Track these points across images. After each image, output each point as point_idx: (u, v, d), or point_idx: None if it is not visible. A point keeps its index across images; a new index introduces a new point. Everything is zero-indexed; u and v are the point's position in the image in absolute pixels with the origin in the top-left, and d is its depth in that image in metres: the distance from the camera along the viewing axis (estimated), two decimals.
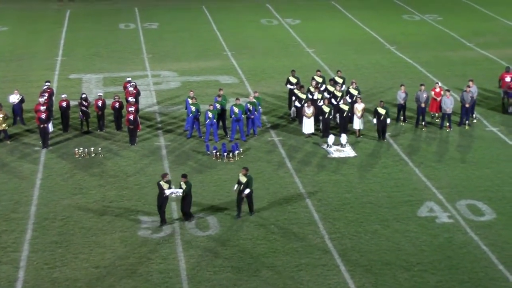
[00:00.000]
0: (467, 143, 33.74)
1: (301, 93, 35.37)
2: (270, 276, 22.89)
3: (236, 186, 26.61)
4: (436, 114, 36.22)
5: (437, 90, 35.84)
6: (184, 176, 25.98)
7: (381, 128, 33.57)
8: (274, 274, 23.00)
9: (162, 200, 25.95)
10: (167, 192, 25.77)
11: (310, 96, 35.81)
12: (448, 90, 35.58)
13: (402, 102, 35.70)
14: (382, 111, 33.29)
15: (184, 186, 25.62)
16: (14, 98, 35.64)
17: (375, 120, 33.58)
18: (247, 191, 26.18)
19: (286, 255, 24.11)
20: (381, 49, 50.17)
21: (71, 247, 24.51)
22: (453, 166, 31.17)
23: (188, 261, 23.75)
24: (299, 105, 35.34)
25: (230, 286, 22.30)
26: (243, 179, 26.29)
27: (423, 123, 35.51)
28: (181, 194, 25.84)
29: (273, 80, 42.97)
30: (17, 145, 33.48)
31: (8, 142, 33.69)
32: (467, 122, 35.48)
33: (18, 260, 23.74)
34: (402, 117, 36.15)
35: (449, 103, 34.78)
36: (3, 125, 33.51)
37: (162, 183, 25.97)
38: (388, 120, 33.55)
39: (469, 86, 35.52)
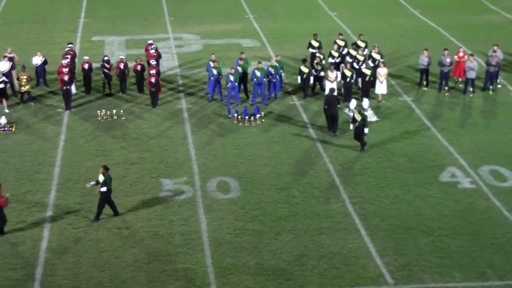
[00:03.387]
0: (491, 108, 33.50)
1: (305, 66, 34.36)
2: (291, 239, 23.01)
3: (93, 182, 24.27)
4: (460, 79, 35.95)
5: (461, 54, 35.53)
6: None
7: (357, 137, 28.99)
8: (295, 237, 23.12)
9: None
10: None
11: (332, 60, 35.67)
12: (472, 55, 35.24)
13: (425, 66, 35.44)
14: (358, 117, 28.87)
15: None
16: (37, 60, 35.78)
17: (352, 126, 29.44)
18: (103, 189, 23.80)
19: (307, 219, 24.20)
20: (404, 13, 49.72)
21: (94, 208, 24.66)
22: (476, 132, 31.00)
23: (209, 223, 23.92)
24: (299, 80, 34.59)
25: (251, 249, 22.46)
26: (101, 178, 23.89)
27: (446, 87, 35.27)
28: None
29: (295, 43, 42.76)
30: (40, 107, 33.70)
31: (32, 103, 33.92)
32: (491, 87, 35.17)
33: (43, 220, 24.03)
34: (425, 82, 35.91)
35: (473, 67, 34.47)
36: (27, 87, 33.71)
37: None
38: (366, 130, 28.78)
39: (494, 51, 35.16)
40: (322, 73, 34.49)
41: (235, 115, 32.01)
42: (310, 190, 26.11)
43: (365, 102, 33.00)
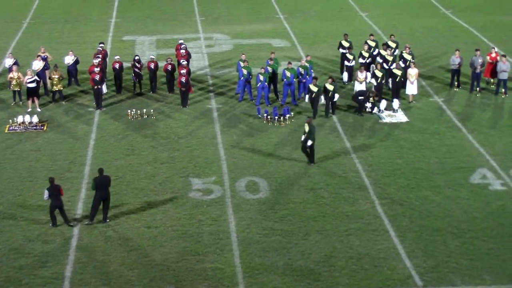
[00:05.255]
0: None
1: (314, 85, 31.95)
2: (320, 240, 22.97)
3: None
4: (492, 80, 35.64)
5: (493, 55, 35.22)
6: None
7: (303, 148, 27.75)
8: (324, 238, 23.07)
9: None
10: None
11: (362, 60, 35.56)
12: (504, 56, 34.94)
13: (456, 67, 35.17)
14: (306, 128, 27.52)
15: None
16: (69, 59, 36.08)
17: (303, 137, 27.82)
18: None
19: (335, 220, 24.14)
20: (436, 13, 49.40)
21: (124, 207, 24.89)
22: (507, 133, 30.71)
23: (238, 223, 23.95)
24: (306, 99, 32.72)
25: (279, 249, 22.44)
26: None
27: (478, 88, 34.98)
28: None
29: (325, 44, 42.69)
30: (71, 106, 33.98)
31: (63, 102, 34.21)
32: None
33: (73, 219, 24.19)
34: (456, 83, 35.64)
35: (505, 69, 34.15)
36: (59, 86, 34.00)
37: None
38: (309, 142, 27.42)
39: None
40: (336, 96, 32.24)
41: (265, 115, 32.01)
42: (339, 190, 26.04)
43: (395, 103, 32.87)
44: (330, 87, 32.03)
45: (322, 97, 32.36)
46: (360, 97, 32.42)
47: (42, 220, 24.04)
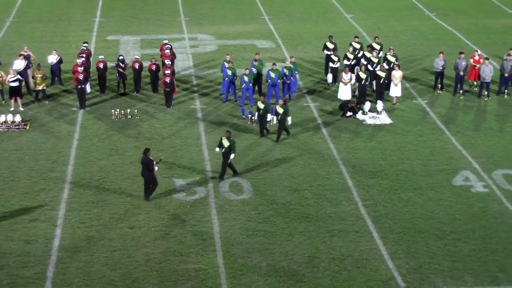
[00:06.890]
0: (505, 112, 33.35)
1: (261, 102, 30.38)
2: (303, 241, 23.00)
3: None
4: (475, 83, 35.82)
5: (476, 58, 35.40)
6: None
7: (224, 162, 26.75)
8: (307, 239, 23.10)
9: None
10: None
11: (347, 62, 35.64)
12: (487, 58, 35.13)
13: (440, 69, 35.33)
14: (226, 143, 26.61)
15: None
16: (53, 59, 35.92)
17: (217, 149, 26.95)
18: None
19: (319, 221, 24.18)
20: (420, 16, 49.59)
21: (107, 207, 24.82)
22: (490, 136, 30.88)
23: (221, 224, 23.94)
24: (256, 117, 31.32)
25: (262, 250, 22.46)
26: None
27: (461, 91, 35.15)
28: None
29: (310, 45, 42.75)
30: (55, 105, 33.84)
31: (46, 102, 34.06)
32: (506, 91, 35.05)
33: (55, 218, 24.14)
34: (439, 85, 35.80)
35: (488, 72, 34.35)
36: (42, 85, 33.85)
37: None
38: (232, 155, 26.67)
39: (509, 55, 34.97)
40: (289, 120, 30.57)
41: (249, 116, 32.02)
42: (322, 192, 26.09)
43: (379, 105, 32.97)
44: (279, 109, 30.11)
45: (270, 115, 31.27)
46: (342, 108, 32.83)
47: (24, 220, 23.93)
